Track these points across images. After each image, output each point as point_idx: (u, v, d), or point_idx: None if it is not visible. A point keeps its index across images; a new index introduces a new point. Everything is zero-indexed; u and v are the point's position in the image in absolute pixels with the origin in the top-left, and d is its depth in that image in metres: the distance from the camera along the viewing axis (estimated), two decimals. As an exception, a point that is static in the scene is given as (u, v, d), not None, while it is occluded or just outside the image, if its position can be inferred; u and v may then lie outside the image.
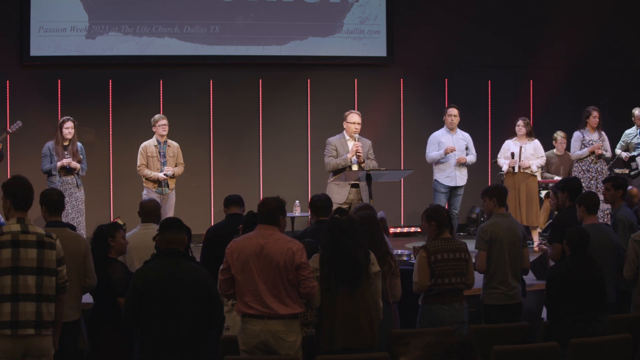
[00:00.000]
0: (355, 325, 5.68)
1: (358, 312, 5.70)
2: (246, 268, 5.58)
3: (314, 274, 5.69)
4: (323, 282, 5.71)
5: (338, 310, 5.69)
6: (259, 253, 5.58)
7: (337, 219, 5.85)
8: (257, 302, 5.55)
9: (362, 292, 5.74)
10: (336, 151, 9.59)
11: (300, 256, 5.60)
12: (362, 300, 5.72)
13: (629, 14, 14.18)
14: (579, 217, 7.29)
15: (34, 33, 12.04)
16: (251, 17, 12.89)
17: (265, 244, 5.60)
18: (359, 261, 5.74)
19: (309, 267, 5.64)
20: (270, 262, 5.56)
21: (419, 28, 13.45)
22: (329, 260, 5.74)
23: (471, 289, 6.84)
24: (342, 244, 5.74)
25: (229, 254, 5.65)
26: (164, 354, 5.24)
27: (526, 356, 5.78)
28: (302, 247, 5.67)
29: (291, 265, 5.56)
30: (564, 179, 8.36)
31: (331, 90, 13.20)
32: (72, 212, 9.86)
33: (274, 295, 5.55)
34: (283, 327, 5.56)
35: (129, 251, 6.83)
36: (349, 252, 5.73)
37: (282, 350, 5.54)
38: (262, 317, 5.55)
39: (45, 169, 9.96)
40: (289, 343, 5.57)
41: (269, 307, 5.53)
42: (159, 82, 12.64)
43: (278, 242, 5.62)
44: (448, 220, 6.68)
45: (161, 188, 10.11)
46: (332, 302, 5.70)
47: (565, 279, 6.35)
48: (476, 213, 13.42)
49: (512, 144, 10.99)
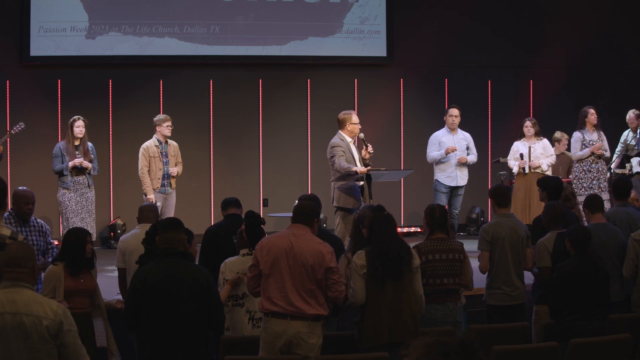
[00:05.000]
0: (399, 319, 5.71)
1: (401, 306, 5.73)
2: (275, 265, 5.59)
3: (361, 270, 5.73)
4: (370, 278, 5.73)
5: (383, 306, 5.71)
6: (288, 251, 5.58)
7: (379, 215, 5.87)
8: (282, 299, 5.54)
9: (405, 286, 5.77)
10: (344, 154, 9.33)
11: (330, 259, 5.60)
12: (405, 295, 5.76)
13: (629, 14, 14.18)
14: (586, 220, 7.39)
15: (34, 33, 12.04)
16: (251, 17, 12.88)
17: (296, 243, 5.61)
18: (403, 255, 5.78)
19: (338, 271, 5.65)
20: (299, 261, 5.56)
21: (419, 28, 13.45)
22: (375, 256, 5.75)
23: (471, 289, 6.83)
24: (385, 239, 5.78)
25: (258, 251, 5.66)
26: (164, 354, 5.22)
27: (526, 356, 5.78)
28: (333, 250, 5.67)
29: (319, 267, 5.56)
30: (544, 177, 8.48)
31: (331, 90, 13.19)
32: (82, 212, 9.75)
33: (300, 295, 5.55)
34: (306, 328, 5.55)
35: (131, 252, 6.81)
36: (393, 247, 5.77)
37: (301, 351, 5.54)
38: (286, 316, 5.54)
39: (57, 169, 9.80)
40: (310, 345, 5.57)
41: (294, 305, 5.53)
42: (159, 82, 12.64)
43: (309, 242, 5.63)
44: (444, 220, 6.66)
45: (164, 188, 10.09)
46: (378, 297, 5.72)
47: (568, 277, 6.35)
48: (476, 213, 13.43)
49: (520, 145, 10.94)
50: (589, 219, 7.43)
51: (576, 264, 6.38)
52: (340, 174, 9.28)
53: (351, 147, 9.46)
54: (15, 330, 4.17)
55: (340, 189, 9.31)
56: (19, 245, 4.52)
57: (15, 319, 4.19)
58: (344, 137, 9.46)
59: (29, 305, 4.22)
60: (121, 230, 12.22)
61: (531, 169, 10.84)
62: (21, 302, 4.23)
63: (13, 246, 4.52)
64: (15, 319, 4.19)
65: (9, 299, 4.22)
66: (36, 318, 4.20)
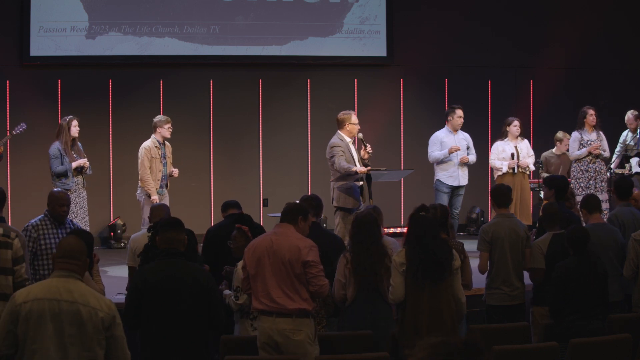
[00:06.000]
0: (438, 319, 5.69)
1: (441, 307, 5.72)
2: (259, 264, 5.71)
3: (400, 268, 5.73)
4: (409, 277, 5.73)
5: (423, 306, 5.70)
6: (269, 249, 5.70)
7: (421, 216, 5.87)
8: (266, 297, 5.65)
9: (446, 287, 5.76)
10: (344, 154, 9.34)
11: (307, 254, 5.66)
12: (445, 295, 5.75)
13: (629, 14, 14.18)
14: (584, 220, 7.39)
15: (34, 33, 12.03)
16: (251, 17, 12.88)
17: (276, 241, 5.72)
18: (444, 257, 5.77)
19: (317, 265, 5.70)
20: (278, 258, 5.67)
21: (419, 28, 13.45)
22: (415, 255, 5.75)
23: (470, 289, 6.83)
24: (427, 240, 5.76)
25: (246, 252, 5.81)
26: (165, 354, 5.23)
27: (526, 356, 5.78)
28: (311, 245, 5.73)
29: (296, 261, 5.64)
30: (550, 176, 8.49)
31: (331, 90, 13.20)
32: (81, 212, 9.74)
33: (282, 291, 5.64)
34: (290, 325, 5.62)
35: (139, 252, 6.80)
36: (435, 248, 5.75)
37: (289, 349, 5.59)
38: (271, 313, 5.63)
39: (60, 170, 9.66)
40: (296, 342, 5.61)
41: (276, 302, 5.63)
42: (159, 82, 12.64)
43: (288, 239, 5.73)
44: (444, 220, 6.66)
45: (162, 189, 10.10)
46: (418, 297, 5.71)
47: (568, 277, 6.35)
48: (476, 213, 13.43)
49: (505, 145, 10.98)
50: (586, 219, 7.43)
51: (576, 264, 6.38)
52: (340, 174, 9.28)
53: (350, 147, 9.45)
54: (70, 318, 4.41)
55: (340, 189, 9.31)
56: (75, 239, 4.72)
57: (72, 307, 4.42)
58: (343, 137, 9.45)
59: (85, 297, 4.46)
60: (121, 230, 12.23)
61: (520, 169, 10.89)
62: (77, 293, 4.46)
63: (70, 239, 4.74)
64: (72, 307, 4.42)
65: (65, 287, 4.45)
66: (92, 309, 4.43)
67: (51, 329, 4.38)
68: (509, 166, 10.87)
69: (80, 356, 4.41)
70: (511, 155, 10.87)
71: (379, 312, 6.32)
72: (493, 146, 11.13)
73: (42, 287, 4.49)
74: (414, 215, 5.91)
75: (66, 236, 5.07)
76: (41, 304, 4.39)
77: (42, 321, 4.38)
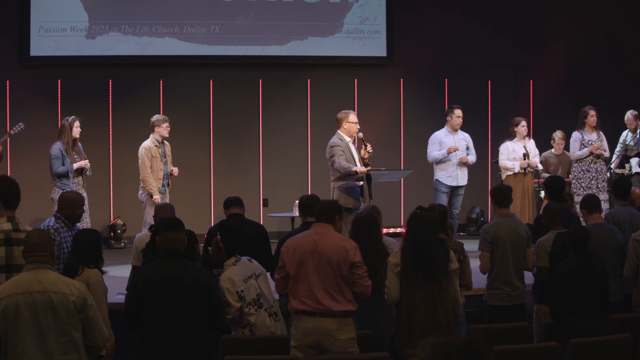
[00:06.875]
0: (433, 320, 5.69)
1: (436, 308, 5.70)
2: (301, 265, 5.66)
3: (395, 269, 5.73)
4: (403, 277, 5.72)
5: (417, 306, 5.69)
6: (313, 250, 5.65)
7: (418, 215, 5.87)
8: (310, 298, 5.60)
9: (441, 288, 5.75)
10: (344, 154, 9.32)
11: (354, 255, 5.65)
12: (440, 297, 5.73)
13: (629, 14, 14.19)
14: (584, 221, 7.40)
15: (34, 33, 12.03)
16: (251, 17, 12.88)
17: (320, 241, 5.67)
18: (439, 258, 5.75)
19: (363, 266, 5.69)
20: (323, 259, 5.62)
21: (419, 28, 13.46)
22: (410, 255, 5.74)
23: (470, 289, 6.83)
24: (422, 240, 5.74)
25: (284, 252, 5.74)
26: (165, 354, 5.23)
27: (526, 356, 5.78)
28: (356, 246, 5.72)
29: (344, 263, 5.61)
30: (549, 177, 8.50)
31: (331, 90, 13.20)
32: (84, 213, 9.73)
33: (327, 292, 5.60)
34: (335, 325, 5.59)
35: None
36: (430, 248, 5.73)
37: (334, 348, 5.57)
38: (314, 314, 5.60)
39: (62, 170, 9.65)
40: (341, 341, 5.59)
41: (321, 303, 5.59)
42: (159, 82, 12.64)
43: (332, 239, 5.69)
44: (443, 220, 6.65)
45: (164, 188, 10.10)
46: (412, 297, 5.71)
47: (568, 277, 6.35)
48: (476, 213, 13.43)
49: (515, 146, 10.95)
50: (586, 219, 7.43)
51: (576, 264, 6.38)
52: (340, 173, 9.27)
53: (350, 146, 9.44)
54: (44, 307, 4.60)
55: (340, 188, 9.30)
56: (38, 232, 4.95)
57: (44, 297, 4.61)
58: (342, 137, 9.43)
59: (55, 284, 4.66)
60: (121, 230, 12.23)
61: (530, 168, 10.88)
62: (47, 282, 4.66)
63: (32, 233, 4.93)
64: (44, 297, 4.61)
65: (35, 279, 4.65)
66: (63, 295, 4.64)
67: (28, 320, 4.57)
68: (521, 166, 10.82)
69: (58, 341, 4.61)
70: (523, 156, 10.83)
71: (379, 312, 6.33)
72: (502, 147, 11.07)
73: (14, 283, 4.68)
74: (413, 214, 5.91)
75: (30, 231, 5.11)
76: (15, 299, 4.58)
77: (18, 315, 4.57)
